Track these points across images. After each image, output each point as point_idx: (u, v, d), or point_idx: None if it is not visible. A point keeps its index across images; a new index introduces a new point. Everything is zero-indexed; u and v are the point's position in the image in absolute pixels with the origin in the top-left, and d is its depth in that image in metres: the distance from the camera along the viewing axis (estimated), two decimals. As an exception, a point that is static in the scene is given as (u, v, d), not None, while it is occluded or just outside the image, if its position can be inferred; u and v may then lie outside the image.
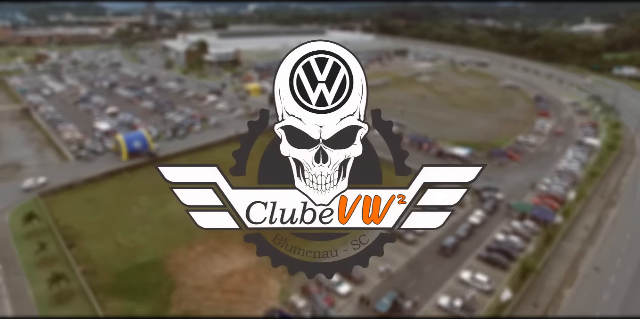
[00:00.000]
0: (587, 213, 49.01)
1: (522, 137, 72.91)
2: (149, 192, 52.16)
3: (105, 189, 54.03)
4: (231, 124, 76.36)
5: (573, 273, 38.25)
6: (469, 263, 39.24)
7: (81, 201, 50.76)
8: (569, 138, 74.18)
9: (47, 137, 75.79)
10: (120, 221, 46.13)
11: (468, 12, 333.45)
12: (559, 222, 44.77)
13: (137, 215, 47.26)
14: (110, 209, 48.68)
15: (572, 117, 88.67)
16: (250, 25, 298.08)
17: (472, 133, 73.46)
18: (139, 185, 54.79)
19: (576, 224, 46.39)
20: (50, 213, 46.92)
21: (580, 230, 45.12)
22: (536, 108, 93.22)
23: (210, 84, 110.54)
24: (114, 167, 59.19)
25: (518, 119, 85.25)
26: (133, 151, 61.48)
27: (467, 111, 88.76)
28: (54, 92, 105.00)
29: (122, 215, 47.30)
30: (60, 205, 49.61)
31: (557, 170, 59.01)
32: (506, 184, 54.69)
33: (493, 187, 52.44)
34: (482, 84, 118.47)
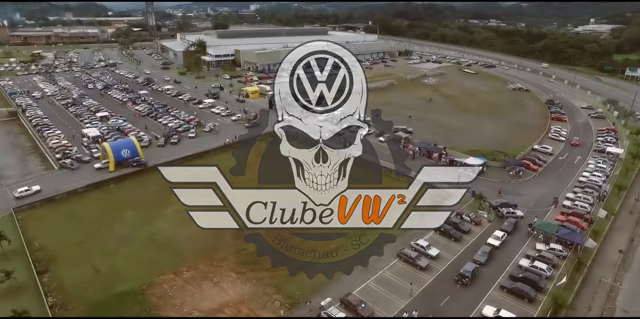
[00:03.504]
0: (617, 232, 44.39)
1: (537, 144, 68.25)
2: (135, 207, 47.76)
3: (88, 202, 49.59)
4: (228, 129, 71.87)
5: (611, 308, 33.61)
6: (492, 294, 34.62)
7: (61, 216, 46.30)
8: (588, 146, 69.51)
9: (33, 143, 71.56)
10: (101, 241, 41.63)
11: (471, 12, 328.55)
12: (588, 244, 40.16)
13: (120, 234, 42.80)
14: (91, 226, 44.22)
15: (588, 122, 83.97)
16: (252, 25, 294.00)
17: (484, 140, 68.79)
18: (125, 198, 50.33)
19: (607, 245, 41.80)
20: (24, 232, 42.49)
21: (613, 253, 40.50)
22: (549, 112, 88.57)
23: (207, 86, 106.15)
24: (99, 177, 54.77)
25: (531, 124, 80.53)
26: (121, 160, 57.03)
27: (476, 115, 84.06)
28: (45, 95, 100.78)
29: (104, 234, 42.83)
30: (37, 221, 45.17)
31: (579, 182, 54.33)
32: (525, 199, 50.04)
33: (511, 203, 47.86)
34: (490, 86, 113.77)
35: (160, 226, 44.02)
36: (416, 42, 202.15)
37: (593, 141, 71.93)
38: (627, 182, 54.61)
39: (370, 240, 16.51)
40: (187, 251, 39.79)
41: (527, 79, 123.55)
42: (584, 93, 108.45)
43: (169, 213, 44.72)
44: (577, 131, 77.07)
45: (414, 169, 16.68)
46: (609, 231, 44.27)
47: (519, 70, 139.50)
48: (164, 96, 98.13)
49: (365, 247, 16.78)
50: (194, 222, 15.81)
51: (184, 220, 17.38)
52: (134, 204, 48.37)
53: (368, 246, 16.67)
